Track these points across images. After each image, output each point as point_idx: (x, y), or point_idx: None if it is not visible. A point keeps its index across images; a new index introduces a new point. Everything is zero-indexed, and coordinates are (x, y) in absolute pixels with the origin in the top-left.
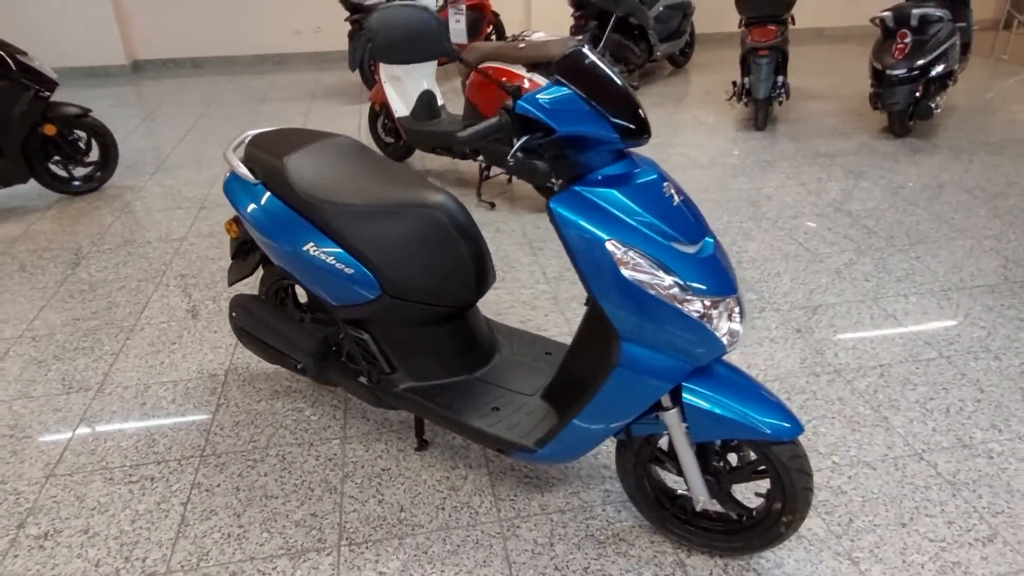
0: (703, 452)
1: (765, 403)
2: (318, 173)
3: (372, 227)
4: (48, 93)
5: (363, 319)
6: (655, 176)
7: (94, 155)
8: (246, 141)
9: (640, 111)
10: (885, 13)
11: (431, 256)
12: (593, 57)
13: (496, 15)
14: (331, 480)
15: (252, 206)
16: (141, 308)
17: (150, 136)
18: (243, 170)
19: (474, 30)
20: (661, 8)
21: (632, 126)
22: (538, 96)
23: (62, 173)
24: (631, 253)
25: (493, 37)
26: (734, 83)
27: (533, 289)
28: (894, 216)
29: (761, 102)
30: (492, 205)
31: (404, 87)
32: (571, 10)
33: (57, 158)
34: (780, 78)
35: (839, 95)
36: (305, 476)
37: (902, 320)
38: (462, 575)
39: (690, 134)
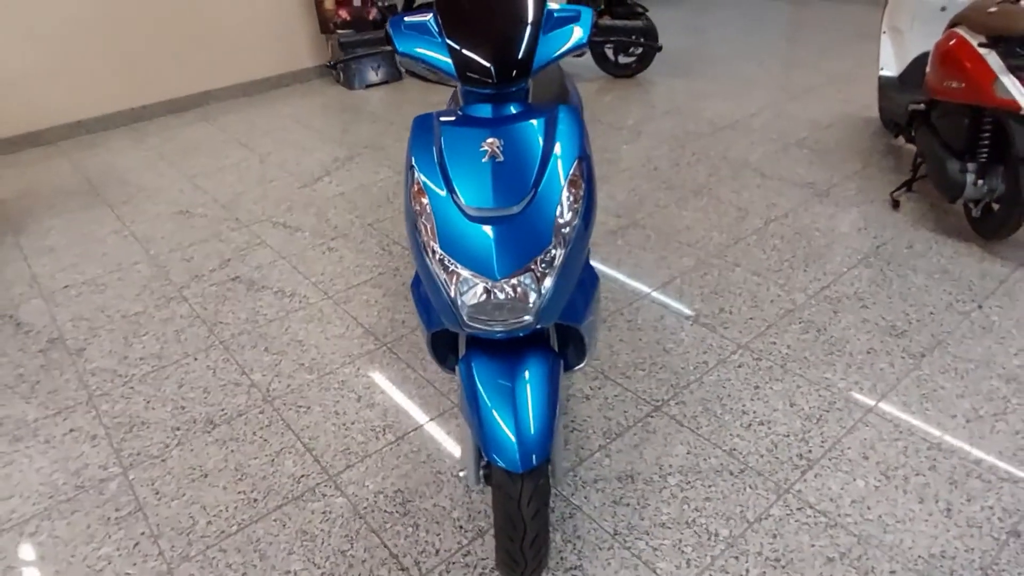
0: None
1: (516, 421)
2: None
3: None
4: None
5: None
6: (483, 129)
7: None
8: None
9: (500, 55)
10: None
11: None
12: None
13: None
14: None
15: None
16: None
17: (695, 46)
18: None
19: None
20: None
21: (485, 64)
22: (407, 17)
23: (611, 57)
24: (418, 187)
25: None
26: None
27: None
28: None
29: None
30: (896, 204)
31: (903, 42)
32: None
33: (609, 45)
34: None
35: None
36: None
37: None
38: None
39: None
